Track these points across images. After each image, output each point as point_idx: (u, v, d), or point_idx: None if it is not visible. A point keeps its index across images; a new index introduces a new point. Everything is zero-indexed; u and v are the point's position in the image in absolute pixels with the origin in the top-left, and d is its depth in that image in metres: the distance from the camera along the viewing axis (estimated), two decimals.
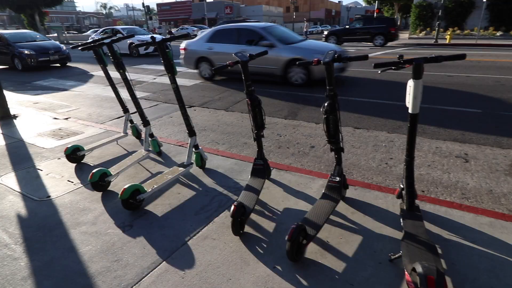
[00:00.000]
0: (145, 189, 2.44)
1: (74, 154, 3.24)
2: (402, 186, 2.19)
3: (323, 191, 2.32)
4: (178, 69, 10.01)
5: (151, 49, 14.05)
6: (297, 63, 2.21)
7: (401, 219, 2.06)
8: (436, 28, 17.40)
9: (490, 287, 1.65)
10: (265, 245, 2.00)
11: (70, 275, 1.85)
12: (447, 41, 16.62)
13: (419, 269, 1.47)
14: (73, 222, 2.34)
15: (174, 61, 2.72)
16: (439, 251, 1.92)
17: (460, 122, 4.46)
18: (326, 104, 2.13)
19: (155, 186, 2.50)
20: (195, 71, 8.53)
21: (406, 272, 1.58)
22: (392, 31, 16.12)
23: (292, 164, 3.34)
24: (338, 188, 2.29)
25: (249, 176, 2.56)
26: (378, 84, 7.04)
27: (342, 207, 2.38)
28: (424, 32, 22.10)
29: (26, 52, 10.70)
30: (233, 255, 1.93)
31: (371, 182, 2.94)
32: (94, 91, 7.41)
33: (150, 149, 3.29)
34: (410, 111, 1.92)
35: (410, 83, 1.85)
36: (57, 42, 12.54)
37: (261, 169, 2.57)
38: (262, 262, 1.86)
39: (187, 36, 2.74)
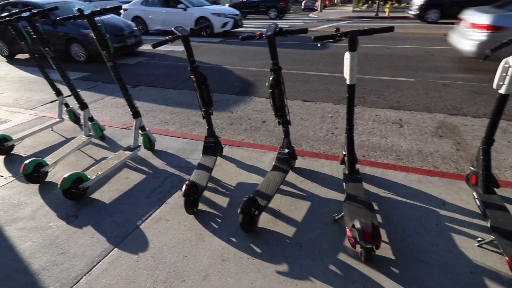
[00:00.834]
0: (89, 176, 2.29)
1: (0, 145, 2.89)
2: (344, 152, 2.36)
3: (273, 164, 2.41)
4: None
5: (229, 26, 10.50)
6: (240, 37, 2.18)
7: (343, 183, 2.24)
8: (377, 2, 18.24)
9: (416, 233, 1.91)
10: (219, 220, 2.05)
11: (10, 274, 1.71)
12: (386, 14, 17.55)
13: (357, 225, 1.64)
14: (7, 219, 2.13)
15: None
16: (376, 207, 2.14)
17: (396, 91, 4.85)
18: (271, 78, 2.15)
19: (99, 173, 2.36)
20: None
21: (347, 229, 1.75)
22: (283, 5, 17.13)
23: (244, 140, 3.38)
24: (287, 159, 2.39)
25: (201, 155, 2.54)
26: (326, 57, 7.27)
27: (292, 176, 2.51)
28: (366, 5, 23.03)
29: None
30: (188, 233, 1.94)
31: (319, 152, 3.11)
32: (20, 72, 6.53)
33: (91, 134, 3.06)
34: (347, 82, 2.03)
35: (347, 55, 1.94)
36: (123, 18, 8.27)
37: (213, 146, 2.56)
38: (217, 236, 1.91)
39: (118, 9, 2.50)
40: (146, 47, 8.69)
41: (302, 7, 24.00)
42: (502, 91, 1.88)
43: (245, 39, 2.13)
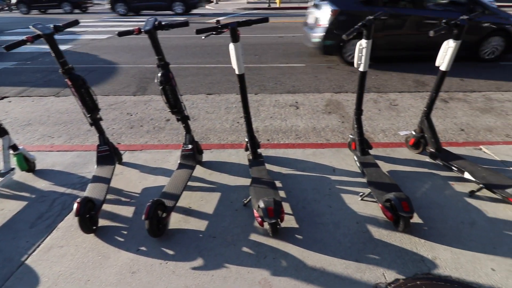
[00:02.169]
0: None
1: None
2: (247, 139, 2.47)
3: (178, 162, 2.35)
4: None
5: None
6: (117, 32, 2.01)
7: (249, 168, 2.35)
8: None
9: (314, 200, 2.16)
10: (125, 232, 1.90)
11: None
12: (277, 5, 18.78)
13: (261, 204, 1.76)
14: None
15: None
16: (280, 184, 2.33)
17: (291, 76, 5.30)
18: (159, 75, 2.07)
19: None
20: None
21: (254, 210, 1.86)
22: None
23: (148, 142, 3.19)
24: (192, 155, 2.36)
25: (95, 166, 2.29)
26: (225, 49, 7.37)
27: (200, 171, 2.50)
28: None
29: None
30: (88, 255, 1.75)
31: (226, 142, 3.18)
32: None
33: None
34: (236, 72, 2.11)
35: (231, 47, 2.00)
36: None
37: (108, 155, 2.33)
38: (124, 250, 1.77)
39: None
40: None
41: None
42: (361, 69, 2.25)
43: (122, 35, 1.98)
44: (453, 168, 2.33)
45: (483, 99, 4.23)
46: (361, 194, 2.19)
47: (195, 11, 16.90)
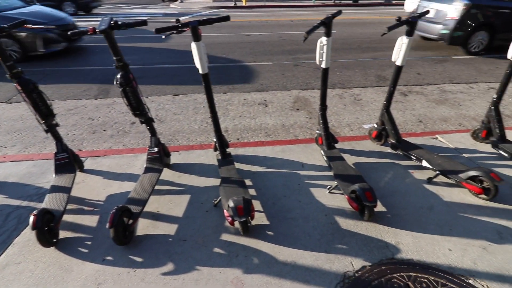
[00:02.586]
0: None
1: None
2: (215, 139, 2.45)
3: (145, 166, 2.28)
4: None
5: None
6: (69, 33, 1.89)
7: (218, 168, 2.33)
8: None
9: (284, 196, 2.19)
10: (89, 243, 1.81)
11: None
12: (243, 4, 18.77)
13: (230, 204, 1.75)
14: None
15: None
16: (250, 183, 2.33)
17: (259, 75, 5.32)
18: (118, 76, 1.98)
19: None
20: None
21: (224, 210, 1.85)
22: None
23: (112, 147, 3.06)
24: (159, 158, 2.30)
25: (53, 175, 2.15)
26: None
27: (168, 174, 2.44)
28: None
29: None
30: (49, 269, 1.64)
31: (195, 143, 3.13)
32: None
33: None
34: (200, 71, 2.08)
35: (193, 45, 1.97)
36: None
37: (67, 162, 2.20)
38: (88, 261, 1.68)
39: None
40: None
41: None
42: (323, 65, 2.31)
43: (76, 35, 1.87)
44: (412, 157, 2.47)
45: (438, 91, 4.53)
46: (328, 187, 2.26)
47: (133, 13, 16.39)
